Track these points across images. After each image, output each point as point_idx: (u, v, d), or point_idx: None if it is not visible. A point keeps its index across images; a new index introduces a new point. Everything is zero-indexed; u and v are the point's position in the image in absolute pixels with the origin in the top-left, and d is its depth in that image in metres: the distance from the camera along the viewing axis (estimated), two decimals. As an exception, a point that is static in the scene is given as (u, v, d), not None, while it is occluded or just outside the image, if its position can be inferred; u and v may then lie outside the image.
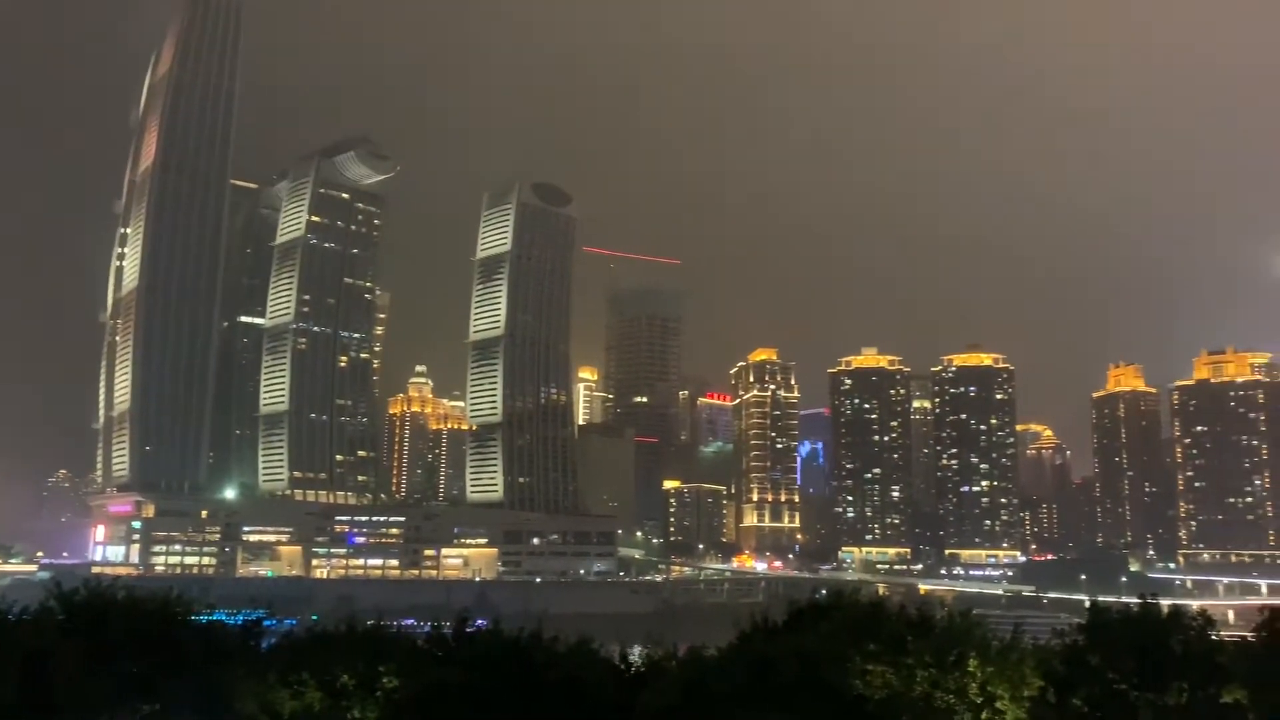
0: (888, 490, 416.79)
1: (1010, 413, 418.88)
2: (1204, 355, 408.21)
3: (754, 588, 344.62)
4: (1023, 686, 38.56)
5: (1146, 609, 42.63)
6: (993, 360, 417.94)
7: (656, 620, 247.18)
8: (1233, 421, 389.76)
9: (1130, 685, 38.24)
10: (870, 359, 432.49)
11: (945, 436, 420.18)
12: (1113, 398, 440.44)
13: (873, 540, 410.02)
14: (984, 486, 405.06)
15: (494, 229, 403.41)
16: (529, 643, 44.74)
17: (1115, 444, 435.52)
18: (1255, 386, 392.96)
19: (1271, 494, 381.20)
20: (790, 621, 46.75)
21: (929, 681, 37.92)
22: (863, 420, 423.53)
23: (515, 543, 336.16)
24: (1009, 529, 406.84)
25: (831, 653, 39.20)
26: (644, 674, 45.67)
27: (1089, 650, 41.15)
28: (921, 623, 41.28)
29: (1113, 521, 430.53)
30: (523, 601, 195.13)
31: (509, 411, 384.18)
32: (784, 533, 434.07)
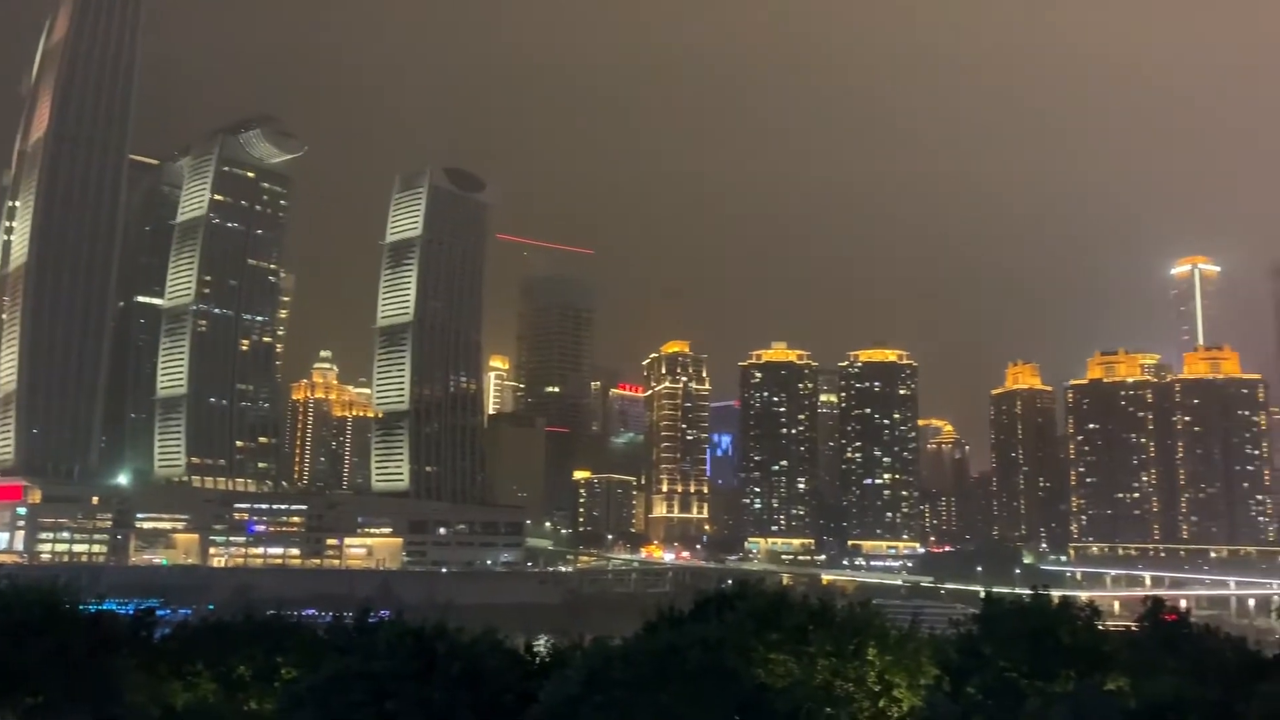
0: (794, 482, 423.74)
1: (913, 408, 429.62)
2: (1097, 356, 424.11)
3: (662, 578, 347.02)
4: (919, 675, 39.51)
5: (1038, 600, 44.03)
6: (897, 357, 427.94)
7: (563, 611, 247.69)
8: (1123, 420, 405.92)
9: (1021, 674, 39.45)
10: (780, 353, 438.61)
11: (850, 430, 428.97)
12: (1010, 395, 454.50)
13: (778, 531, 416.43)
14: (886, 479, 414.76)
15: (404, 213, 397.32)
16: (432, 633, 44.19)
17: (1012, 440, 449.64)
18: (1144, 387, 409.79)
19: (1157, 490, 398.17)
20: (696, 611, 47.07)
21: (829, 670, 38.62)
22: (771, 413, 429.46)
23: (421, 533, 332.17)
24: (909, 521, 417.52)
25: (736, 642, 39.57)
26: (548, 664, 45.55)
27: (983, 640, 42.33)
28: (823, 612, 41.97)
29: (1008, 515, 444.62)
30: (427, 592, 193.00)
31: (417, 399, 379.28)
32: (693, 523, 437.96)
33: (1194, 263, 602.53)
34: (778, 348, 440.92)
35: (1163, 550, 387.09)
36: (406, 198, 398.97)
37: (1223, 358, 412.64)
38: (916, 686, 39.24)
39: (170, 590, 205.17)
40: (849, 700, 38.65)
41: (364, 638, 45.33)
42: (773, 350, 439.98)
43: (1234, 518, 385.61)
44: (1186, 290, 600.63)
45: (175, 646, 48.15)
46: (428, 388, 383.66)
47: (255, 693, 44.04)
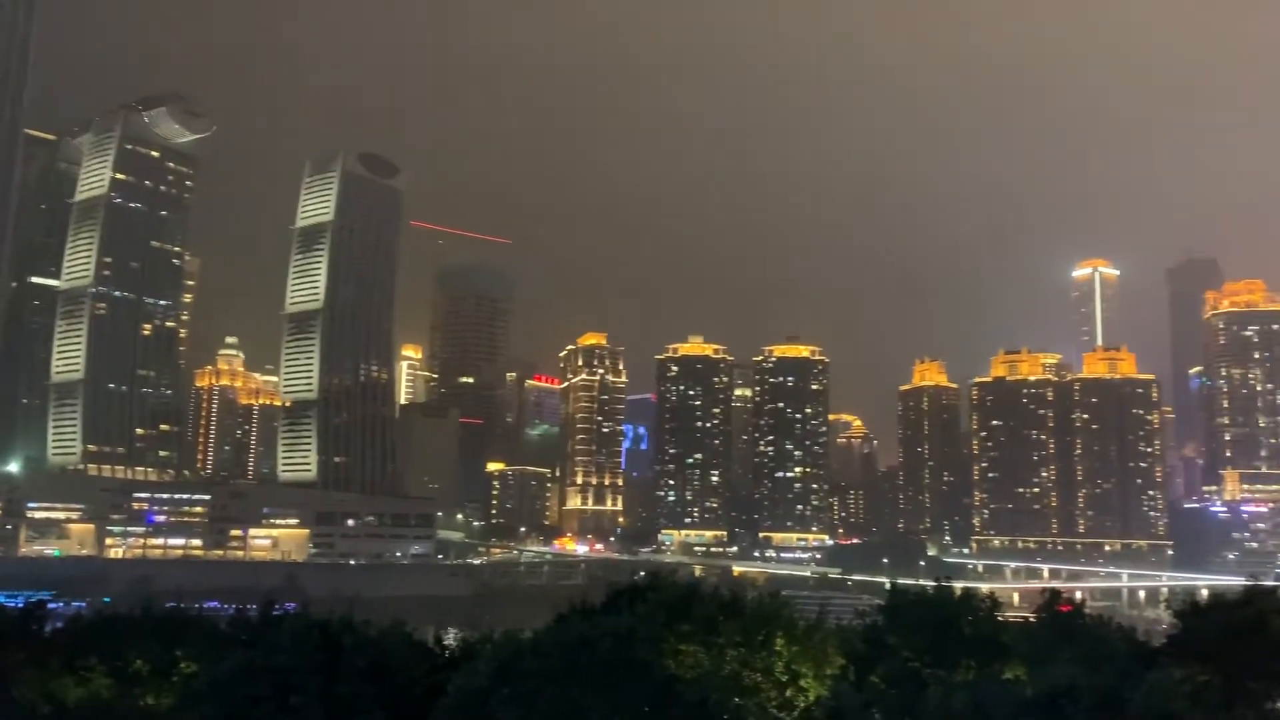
0: (708, 475, 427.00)
1: (824, 403, 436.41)
2: (1001, 354, 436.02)
3: (574, 570, 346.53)
4: (825, 665, 40.17)
5: (941, 591, 45.14)
6: (810, 352, 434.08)
7: (474, 603, 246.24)
8: (1024, 417, 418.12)
9: (923, 663, 40.38)
10: (696, 347, 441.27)
11: (764, 424, 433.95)
12: (917, 391, 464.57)
13: (692, 523, 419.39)
14: (798, 473, 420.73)
15: (316, 197, 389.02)
16: (338, 626, 43.44)
17: (919, 435, 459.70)
18: (1046, 385, 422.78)
19: (1056, 485, 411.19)
20: (608, 603, 47.14)
21: (738, 661, 39.01)
22: (687, 407, 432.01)
23: (328, 524, 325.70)
24: (819, 514, 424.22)
25: (647, 633, 39.71)
26: (458, 657, 45.16)
27: (887, 630, 43.25)
28: (733, 604, 42.37)
29: (914, 508, 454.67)
30: (335, 584, 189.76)
31: (326, 388, 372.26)
32: (606, 516, 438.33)
33: (1094, 266, 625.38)
34: (694, 341, 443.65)
35: (1060, 544, 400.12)
36: (318, 182, 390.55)
37: (1120, 358, 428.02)
38: (823, 676, 39.87)
39: (63, 582, 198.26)
40: (757, 690, 39.10)
41: (268, 631, 44.38)
42: (689, 344, 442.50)
43: (1127, 513, 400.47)
44: (1087, 292, 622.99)
45: (67, 640, 46.51)
46: (337, 376, 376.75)
47: (152, 688, 42.75)
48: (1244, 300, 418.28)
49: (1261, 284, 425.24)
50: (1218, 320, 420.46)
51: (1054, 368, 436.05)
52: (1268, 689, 38.55)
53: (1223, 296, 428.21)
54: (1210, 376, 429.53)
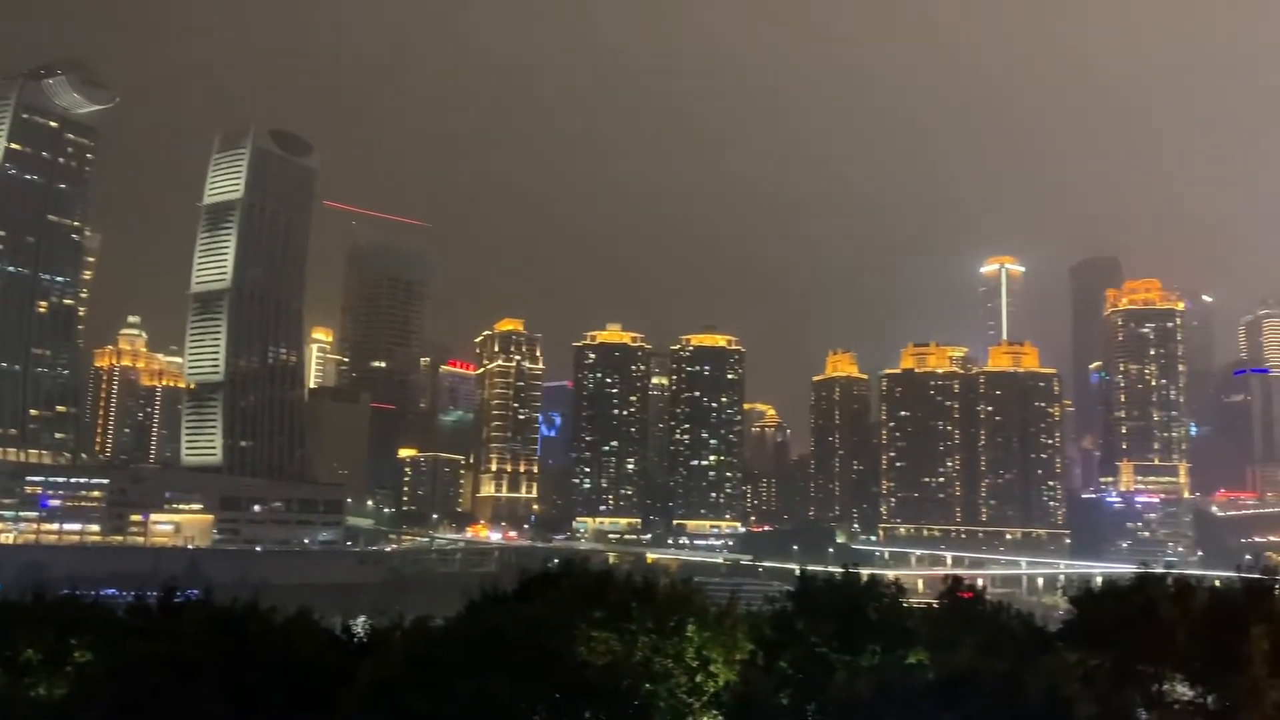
0: (623, 463, 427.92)
1: (740, 392, 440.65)
2: (910, 347, 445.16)
3: (487, 557, 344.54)
4: (735, 650, 40.64)
5: (848, 578, 45.94)
6: (727, 342, 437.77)
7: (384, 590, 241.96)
8: (931, 408, 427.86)
9: (831, 648, 41.08)
10: (614, 335, 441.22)
11: (680, 412, 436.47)
12: (830, 382, 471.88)
13: (606, 511, 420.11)
14: (712, 461, 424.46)
15: (224, 174, 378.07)
16: (243, 613, 42.49)
17: (830, 425, 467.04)
18: (952, 377, 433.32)
19: (960, 475, 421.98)
20: (521, 590, 46.93)
21: (650, 647, 39.21)
22: (604, 394, 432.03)
23: (234, 509, 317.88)
24: (732, 501, 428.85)
25: (559, 621, 39.69)
26: (367, 645, 44.58)
27: (796, 616, 43.89)
28: (646, 591, 42.54)
29: (824, 496, 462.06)
30: (240, 571, 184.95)
31: (233, 370, 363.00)
32: (521, 503, 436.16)
33: (1001, 262, 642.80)
34: (612, 329, 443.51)
35: (963, 532, 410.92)
36: (227, 158, 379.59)
37: (1023, 352, 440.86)
38: (732, 662, 40.32)
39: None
40: (668, 676, 39.36)
41: (168, 619, 43.18)
42: (607, 332, 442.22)
43: (1028, 502, 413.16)
44: (994, 288, 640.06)
45: (-49, 630, 44.35)
46: (245, 358, 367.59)
47: (44, 678, 41.17)
48: (1142, 299, 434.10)
49: (1158, 283, 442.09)
50: (1117, 317, 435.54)
51: (961, 361, 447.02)
52: (1155, 672, 40.20)
53: (1122, 295, 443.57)
54: (1108, 371, 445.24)
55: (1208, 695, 39.34)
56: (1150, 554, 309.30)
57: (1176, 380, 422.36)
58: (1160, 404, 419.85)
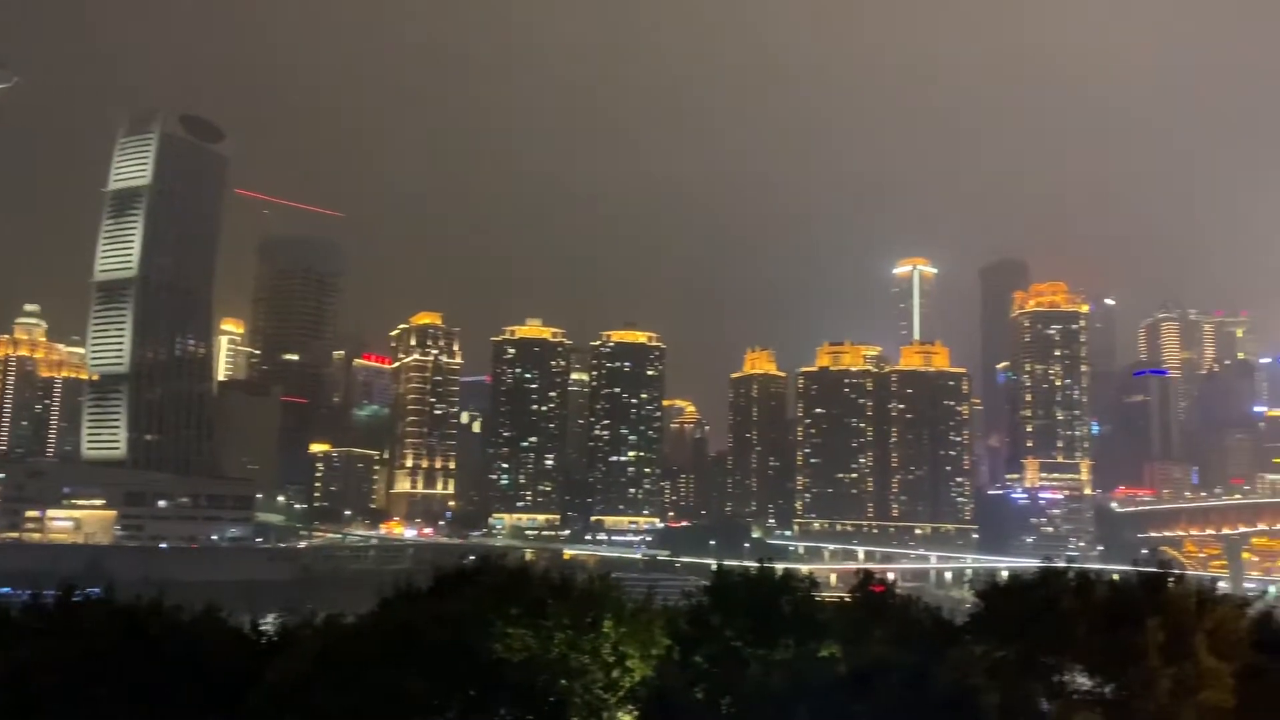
0: (542, 459, 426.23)
1: (660, 388, 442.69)
2: (826, 346, 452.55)
3: (402, 554, 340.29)
4: (651, 646, 40.74)
5: (763, 572, 46.42)
6: (647, 338, 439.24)
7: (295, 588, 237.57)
8: (845, 406, 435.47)
9: (745, 642, 41.48)
10: (534, 330, 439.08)
11: (599, 408, 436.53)
12: (748, 379, 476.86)
13: (524, 507, 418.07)
14: (631, 457, 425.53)
15: (131, 159, 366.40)
16: (146, 612, 41.18)
17: (748, 421, 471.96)
18: (866, 375, 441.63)
19: (873, 471, 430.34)
20: (436, 587, 46.45)
21: (566, 643, 39.10)
22: (523, 390, 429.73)
23: (138, 505, 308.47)
24: (651, 497, 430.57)
25: (474, 617, 39.37)
26: (276, 643, 43.68)
27: (712, 610, 44.20)
28: (563, 586, 42.40)
29: (741, 492, 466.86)
30: (144, 568, 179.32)
31: (138, 361, 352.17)
32: (437, 499, 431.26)
33: (914, 264, 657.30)
34: (532, 324, 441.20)
35: (875, 527, 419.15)
36: (134, 143, 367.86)
37: (934, 352, 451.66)
38: (649, 657, 40.42)
39: None
40: (584, 672, 39.31)
41: (67, 617, 41.64)
42: (527, 326, 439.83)
43: (937, 498, 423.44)
44: (907, 289, 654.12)
45: None
46: (151, 350, 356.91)
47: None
48: (1048, 301, 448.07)
49: (1064, 286, 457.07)
50: (1024, 319, 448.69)
51: (874, 359, 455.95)
52: (1057, 663, 41.45)
53: (1029, 297, 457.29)
54: (1015, 371, 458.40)
55: (1106, 685, 40.70)
56: (1053, 549, 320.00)
57: (1080, 380, 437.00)
58: (1064, 403, 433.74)
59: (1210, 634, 40.27)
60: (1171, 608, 40.95)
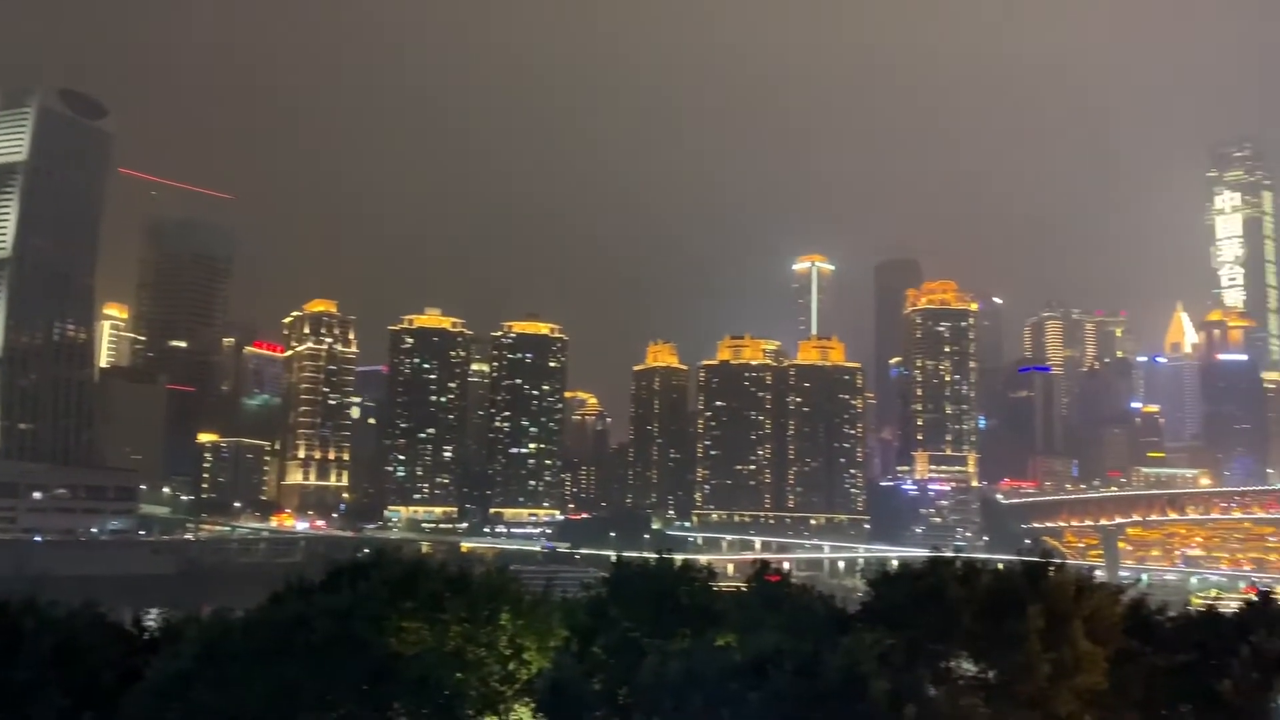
0: (440, 450, 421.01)
1: (562, 380, 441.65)
2: (727, 339, 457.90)
3: (293, 547, 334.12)
4: (549, 638, 40.71)
5: (662, 563, 46.71)
6: (549, 330, 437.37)
7: (181, 582, 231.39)
8: (745, 399, 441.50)
9: (643, 633, 41.68)
10: (433, 319, 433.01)
11: (500, 400, 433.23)
12: (650, 372, 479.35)
13: (421, 500, 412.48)
14: (532, 449, 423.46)
15: (6, 134, 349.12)
16: (19, 607, 39.41)
17: (649, 414, 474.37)
18: (765, 369, 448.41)
19: (771, 463, 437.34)
20: (328, 581, 45.47)
21: (462, 636, 38.81)
22: (421, 380, 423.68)
23: (10, 496, 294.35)
24: (551, 489, 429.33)
25: (368, 611, 38.76)
26: (159, 639, 42.36)
27: (610, 602, 44.30)
28: (459, 580, 42.03)
29: (642, 484, 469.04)
30: (17, 563, 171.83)
31: (12, 346, 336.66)
32: (330, 491, 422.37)
33: (812, 260, 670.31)
34: (431, 313, 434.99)
35: (772, 518, 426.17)
36: (10, 117, 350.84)
37: (831, 347, 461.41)
38: (546, 649, 40.37)
39: None
40: (480, 665, 39.06)
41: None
42: (426, 316, 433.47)
43: (832, 489, 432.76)
44: (805, 285, 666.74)
45: None
46: (26, 334, 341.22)
47: None
48: (939, 299, 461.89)
49: (954, 285, 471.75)
50: (915, 316, 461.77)
51: (773, 354, 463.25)
52: (944, 650, 42.73)
53: (921, 294, 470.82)
54: (907, 367, 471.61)
55: (989, 670, 42.13)
56: (941, 539, 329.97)
57: (968, 376, 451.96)
58: (953, 398, 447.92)
59: (1087, 620, 42.03)
60: (1052, 595, 42.60)
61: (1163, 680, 43.12)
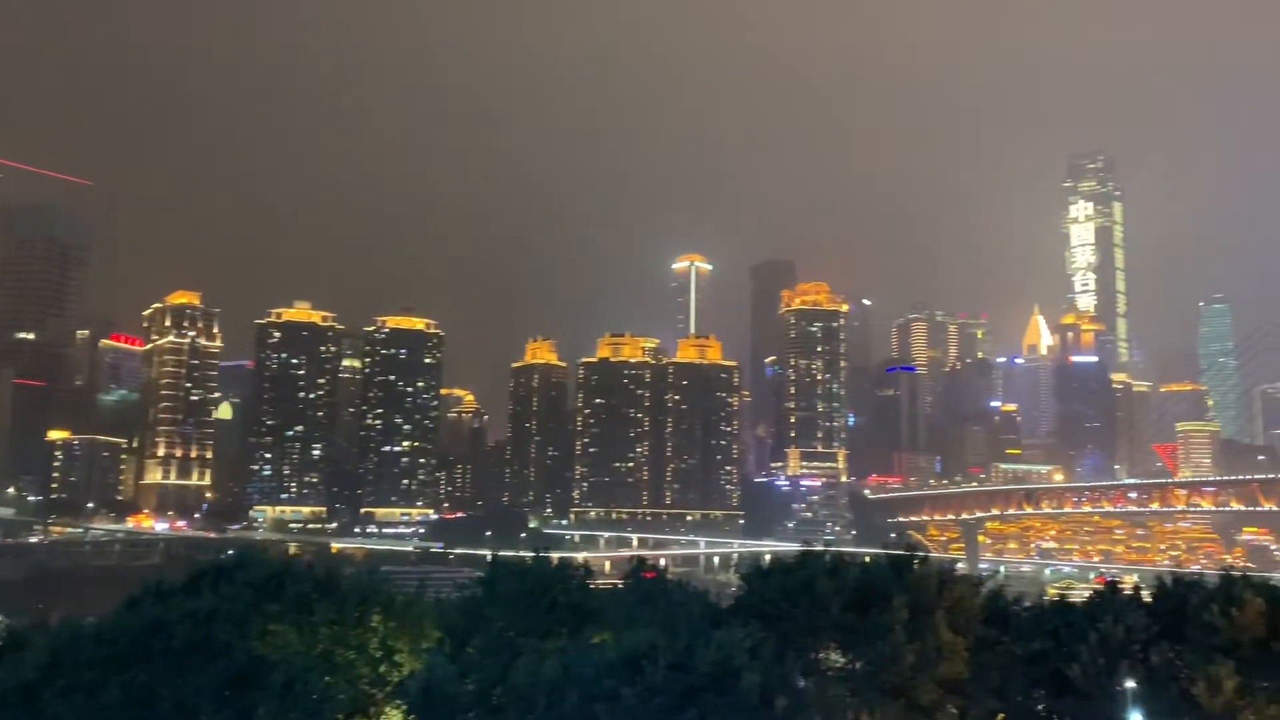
0: (309, 448, 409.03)
1: (437, 377, 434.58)
2: (607, 337, 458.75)
3: (151, 549, 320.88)
4: (422, 639, 40.17)
5: (538, 562, 46.59)
6: (425, 325, 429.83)
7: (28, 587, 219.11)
8: (624, 396, 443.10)
9: (518, 632, 41.50)
10: (303, 313, 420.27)
11: (372, 397, 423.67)
12: (528, 369, 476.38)
13: (289, 499, 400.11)
14: (405, 447, 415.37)
15: None
16: None
17: (528, 411, 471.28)
18: (644, 367, 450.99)
19: (649, 460, 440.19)
20: (189, 584, 43.95)
21: (331, 639, 38.02)
22: (289, 376, 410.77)
23: None
24: (425, 488, 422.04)
25: (231, 614, 37.60)
26: (3, 648, 40.10)
27: (485, 602, 43.96)
28: (328, 581, 41.14)
29: (519, 482, 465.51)
30: None
31: None
32: (192, 491, 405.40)
33: (691, 260, 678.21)
34: (300, 307, 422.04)
35: (649, 514, 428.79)
36: None
37: (708, 345, 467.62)
38: (418, 650, 39.83)
39: None
40: (350, 667, 38.30)
41: None
42: (295, 309, 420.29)
43: (708, 486, 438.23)
44: (684, 284, 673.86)
45: None
46: None
47: None
48: (812, 300, 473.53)
49: (826, 286, 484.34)
50: (790, 316, 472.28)
51: (652, 352, 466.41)
52: (814, 642, 43.82)
53: (795, 295, 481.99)
54: (781, 365, 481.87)
55: (856, 661, 43.40)
56: (812, 533, 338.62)
57: (838, 375, 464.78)
58: (824, 396, 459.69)
59: (949, 611, 43.72)
60: (916, 587, 44.17)
61: (1019, 667, 45.19)
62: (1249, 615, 42.05)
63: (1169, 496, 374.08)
